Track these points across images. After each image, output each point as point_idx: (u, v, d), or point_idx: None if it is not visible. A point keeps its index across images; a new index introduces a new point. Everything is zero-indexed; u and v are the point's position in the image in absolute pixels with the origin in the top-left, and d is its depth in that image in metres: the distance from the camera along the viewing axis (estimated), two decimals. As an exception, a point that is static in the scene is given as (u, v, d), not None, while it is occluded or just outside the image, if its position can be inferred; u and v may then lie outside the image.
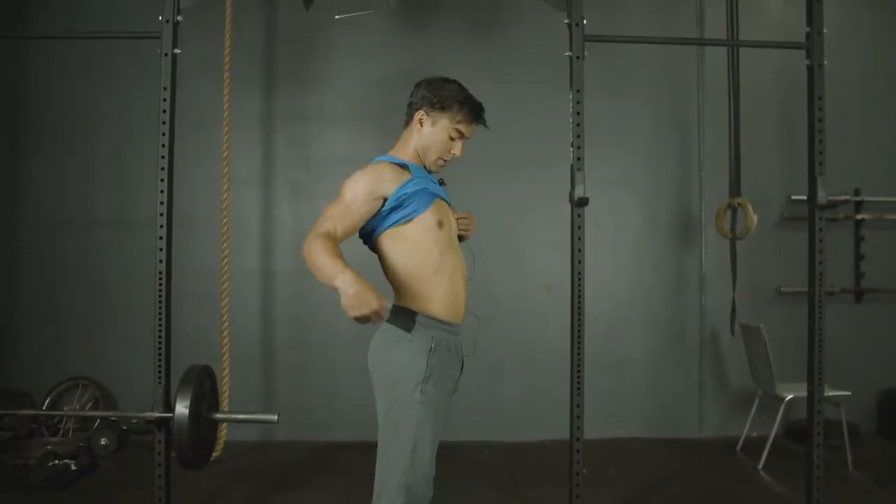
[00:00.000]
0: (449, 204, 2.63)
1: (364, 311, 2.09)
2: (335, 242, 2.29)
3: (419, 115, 2.59)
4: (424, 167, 2.60)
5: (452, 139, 2.58)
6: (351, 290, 2.10)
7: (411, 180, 2.47)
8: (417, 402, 2.37)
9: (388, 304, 2.17)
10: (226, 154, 4.84)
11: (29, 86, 5.49)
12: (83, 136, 5.45)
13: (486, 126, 2.65)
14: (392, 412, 2.41)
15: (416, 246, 2.46)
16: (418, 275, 2.46)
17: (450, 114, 2.56)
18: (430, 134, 2.57)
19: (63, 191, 5.45)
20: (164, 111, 3.54)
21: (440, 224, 2.49)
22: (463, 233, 2.76)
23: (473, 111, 2.59)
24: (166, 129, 3.54)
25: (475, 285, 2.76)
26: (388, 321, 2.49)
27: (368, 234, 2.51)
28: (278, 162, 5.55)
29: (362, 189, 2.40)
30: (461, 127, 2.58)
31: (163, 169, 3.54)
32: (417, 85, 2.64)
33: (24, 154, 5.46)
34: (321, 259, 2.19)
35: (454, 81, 2.63)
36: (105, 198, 5.46)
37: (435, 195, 2.52)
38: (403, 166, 2.51)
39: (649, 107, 5.69)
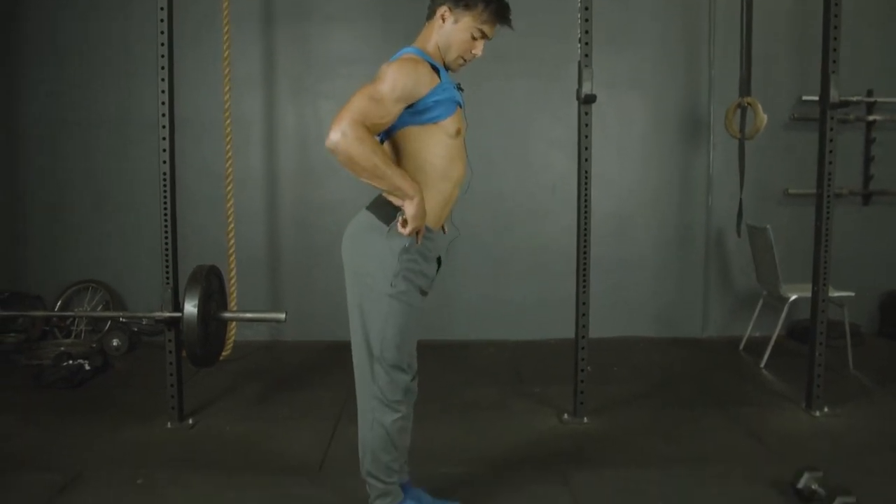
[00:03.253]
0: (462, 108, 2.53)
1: (418, 224, 2.29)
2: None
3: (442, 10, 2.45)
4: (444, 66, 2.49)
5: (475, 38, 2.46)
6: (420, 208, 2.28)
7: (441, 85, 2.38)
8: (387, 294, 2.40)
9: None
10: (227, 54, 4.75)
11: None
12: (84, 36, 5.34)
13: (511, 27, 2.52)
14: (364, 303, 2.48)
15: (430, 149, 2.40)
16: (424, 179, 2.39)
17: (474, 13, 2.43)
18: (451, 32, 2.45)
19: (66, 93, 5.37)
20: (162, 8, 3.48)
21: (458, 132, 2.43)
22: None
23: (499, 12, 2.46)
24: (164, 26, 3.49)
25: (480, 182, 2.74)
26: (367, 208, 2.46)
27: (387, 129, 2.40)
28: (280, 61, 5.43)
29: (402, 85, 2.27)
30: (485, 27, 2.46)
31: (163, 68, 3.51)
32: None
33: (26, 55, 5.37)
34: (382, 165, 2.19)
35: None
36: (109, 99, 5.38)
37: (458, 103, 2.45)
38: (435, 69, 2.41)
39: (658, 3, 5.52)
